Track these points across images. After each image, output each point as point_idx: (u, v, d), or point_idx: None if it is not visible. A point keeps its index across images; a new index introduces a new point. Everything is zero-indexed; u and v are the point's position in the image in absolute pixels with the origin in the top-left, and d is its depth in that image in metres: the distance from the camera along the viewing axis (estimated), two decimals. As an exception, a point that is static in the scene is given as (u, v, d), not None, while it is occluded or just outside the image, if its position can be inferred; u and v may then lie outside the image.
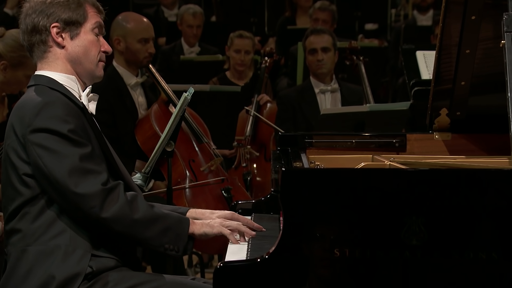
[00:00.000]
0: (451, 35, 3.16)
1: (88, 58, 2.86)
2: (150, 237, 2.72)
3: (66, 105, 2.75)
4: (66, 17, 2.83)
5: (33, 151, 2.69)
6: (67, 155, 2.67)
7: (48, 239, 2.72)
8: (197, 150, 4.81)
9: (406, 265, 2.59)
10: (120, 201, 2.68)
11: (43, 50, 2.85)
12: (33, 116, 2.70)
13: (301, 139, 3.47)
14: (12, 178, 2.76)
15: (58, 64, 2.85)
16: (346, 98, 5.77)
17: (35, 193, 2.74)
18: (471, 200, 2.59)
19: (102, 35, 2.91)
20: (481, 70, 3.23)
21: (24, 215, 2.75)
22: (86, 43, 2.85)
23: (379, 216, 2.59)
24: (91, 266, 2.71)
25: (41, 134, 2.68)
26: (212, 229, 2.85)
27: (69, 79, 2.85)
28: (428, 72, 4.99)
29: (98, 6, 2.93)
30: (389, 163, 3.14)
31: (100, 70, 2.90)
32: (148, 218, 2.72)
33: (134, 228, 2.70)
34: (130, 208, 2.68)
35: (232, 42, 6.41)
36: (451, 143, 3.45)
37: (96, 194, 2.66)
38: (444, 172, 2.77)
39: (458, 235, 2.59)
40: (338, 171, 2.80)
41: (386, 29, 9.09)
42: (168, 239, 2.74)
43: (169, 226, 2.75)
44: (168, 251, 2.75)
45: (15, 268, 2.74)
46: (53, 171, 2.67)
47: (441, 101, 3.35)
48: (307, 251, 2.59)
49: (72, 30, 2.84)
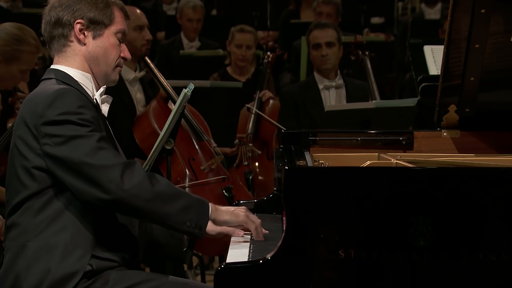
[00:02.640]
0: (460, 29, 3.17)
1: (106, 60, 2.91)
2: (171, 212, 2.71)
3: (79, 96, 2.79)
4: (92, 15, 2.88)
5: (47, 142, 2.72)
6: (81, 137, 2.70)
7: (49, 235, 2.74)
8: (197, 148, 4.82)
9: (413, 267, 2.60)
10: (139, 174, 2.68)
11: (63, 44, 2.90)
12: (46, 107, 2.73)
13: (305, 136, 3.47)
14: (19, 171, 2.79)
15: (76, 61, 2.89)
16: (351, 94, 5.77)
17: (41, 187, 2.76)
18: (480, 200, 2.60)
19: (124, 43, 2.95)
20: (490, 65, 3.23)
21: (27, 209, 2.77)
22: (107, 45, 2.90)
23: (385, 216, 2.60)
24: (91, 265, 2.74)
25: (53, 125, 2.71)
26: (238, 217, 2.84)
27: (84, 77, 2.90)
28: (436, 67, 4.98)
29: (126, 12, 2.97)
30: (395, 161, 3.15)
31: (115, 75, 2.95)
32: (169, 192, 2.72)
33: (155, 202, 2.69)
34: (151, 181, 2.69)
35: (234, 36, 6.41)
36: (459, 140, 3.45)
37: (115, 166, 2.67)
38: (452, 171, 2.77)
39: (466, 236, 2.59)
40: (343, 170, 2.80)
41: (392, 23, 9.09)
42: (190, 217, 2.73)
43: (191, 204, 2.75)
44: (191, 228, 2.74)
45: (13, 264, 2.76)
46: (70, 154, 2.69)
47: (449, 97, 3.35)
48: (310, 253, 2.59)
49: (96, 30, 2.89)
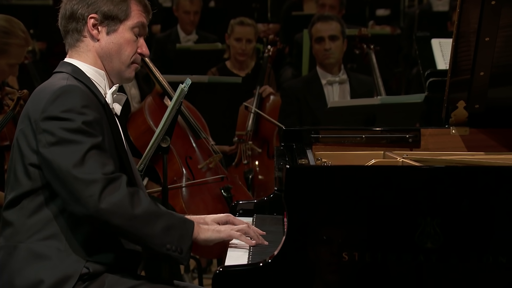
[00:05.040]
0: (470, 21, 3.16)
1: (120, 57, 2.89)
2: (150, 234, 2.70)
3: (85, 95, 2.78)
4: (107, 10, 2.86)
5: (42, 138, 2.72)
6: (75, 143, 2.70)
7: (41, 239, 2.75)
8: (194, 146, 4.82)
9: (420, 270, 2.60)
10: (121, 192, 2.68)
11: (76, 38, 2.90)
12: (49, 103, 2.73)
13: (307, 134, 3.48)
14: (17, 166, 2.80)
15: (89, 56, 2.89)
16: (355, 90, 5.77)
17: (35, 186, 2.77)
18: (490, 200, 2.60)
19: (143, 37, 2.94)
20: (501, 60, 3.23)
21: (22, 208, 2.79)
22: (121, 41, 2.89)
23: (391, 217, 2.60)
24: (88, 268, 2.75)
25: (53, 122, 2.71)
26: (219, 233, 2.83)
27: (97, 74, 2.90)
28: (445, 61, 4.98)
29: (145, 4, 2.94)
30: (402, 160, 3.15)
31: (130, 72, 2.93)
32: (149, 213, 2.71)
33: (133, 222, 2.68)
34: (131, 201, 2.68)
35: (233, 29, 6.41)
36: (469, 138, 3.45)
37: (96, 181, 2.66)
38: (461, 169, 2.77)
39: (476, 237, 2.60)
40: (347, 168, 2.80)
41: (399, 15, 9.09)
42: (171, 239, 2.72)
43: (173, 225, 2.73)
44: (170, 251, 2.72)
45: (6, 264, 2.77)
46: (58, 157, 2.69)
47: (458, 93, 3.35)
48: (313, 255, 2.60)
49: (110, 25, 2.88)
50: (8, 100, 4.10)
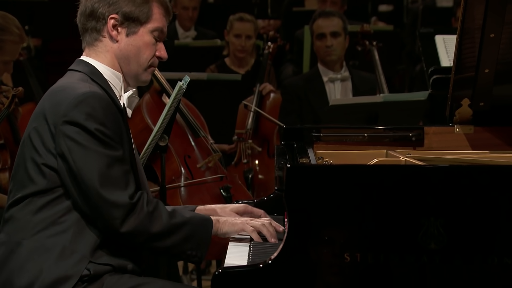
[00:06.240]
0: (474, 17, 3.17)
1: (137, 60, 2.91)
2: (171, 246, 2.81)
3: (108, 104, 2.79)
4: (128, 11, 2.87)
5: (63, 143, 2.74)
6: (97, 155, 2.72)
7: (46, 236, 2.77)
8: (193, 145, 4.82)
9: (423, 271, 2.60)
10: (141, 214, 2.74)
11: (95, 38, 2.90)
12: (71, 107, 2.74)
13: (308, 132, 3.48)
14: (28, 163, 2.81)
15: (107, 57, 2.90)
16: (357, 87, 5.77)
17: (50, 186, 2.78)
18: (495, 200, 2.60)
19: (162, 41, 2.95)
20: (506, 56, 3.23)
21: (28, 205, 2.80)
22: (140, 44, 2.90)
23: (394, 218, 2.60)
24: (89, 269, 2.76)
25: (75, 127, 2.73)
26: (234, 226, 2.92)
27: (114, 76, 2.91)
28: (449, 58, 4.99)
29: (167, 7, 2.95)
30: (405, 159, 3.15)
31: (147, 75, 2.95)
32: (169, 227, 2.79)
33: (154, 240, 2.78)
34: (150, 220, 2.76)
35: (232, 25, 6.41)
36: (473, 136, 3.45)
37: (123, 206, 2.72)
38: (465, 169, 2.78)
39: (481, 238, 2.60)
40: (349, 168, 2.80)
41: (402, 11, 9.08)
42: (191, 246, 2.83)
43: (192, 233, 2.83)
44: (190, 257, 2.85)
45: (6, 261, 2.79)
46: (82, 169, 2.72)
47: (462, 90, 3.36)
48: (314, 256, 2.60)
49: (130, 27, 2.89)
50: (3, 98, 4.10)
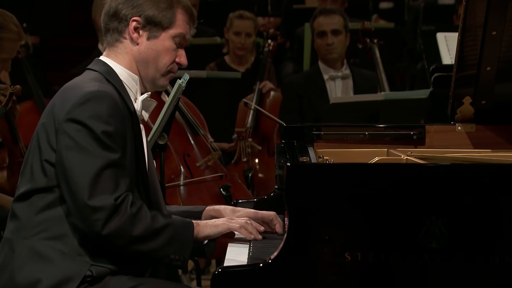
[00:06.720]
0: (476, 15, 3.17)
1: (156, 65, 2.90)
2: (153, 249, 2.78)
3: (114, 104, 2.78)
4: (151, 14, 2.87)
5: (62, 140, 2.74)
6: (93, 155, 2.71)
7: (47, 238, 2.78)
8: (192, 143, 4.82)
9: (425, 270, 2.60)
10: (123, 216, 2.72)
11: (116, 38, 2.91)
12: (76, 105, 2.74)
13: (308, 131, 3.48)
14: (34, 160, 2.82)
15: (125, 59, 2.90)
16: (358, 85, 5.77)
17: (50, 184, 2.79)
18: (497, 199, 2.60)
19: (183, 47, 2.95)
20: (508, 54, 3.23)
21: (31, 204, 2.81)
22: (160, 49, 2.89)
23: (395, 217, 2.60)
24: (91, 271, 2.77)
25: (76, 125, 2.72)
26: (217, 228, 2.90)
27: (131, 78, 2.91)
28: (450, 56, 4.99)
29: (192, 14, 2.96)
30: (406, 157, 3.15)
31: (164, 81, 2.94)
32: (151, 231, 2.76)
33: (135, 243, 2.75)
34: (132, 223, 2.73)
35: (232, 23, 6.41)
36: (475, 135, 3.45)
37: (105, 208, 2.70)
38: (467, 168, 2.78)
39: (482, 237, 2.60)
40: (349, 166, 2.80)
41: (403, 8, 9.08)
42: (174, 249, 2.80)
43: (174, 236, 2.80)
44: (173, 261, 2.82)
45: (9, 259, 2.80)
46: (74, 167, 2.71)
47: (464, 88, 3.35)
48: (314, 255, 2.60)
49: (152, 31, 2.88)
50: (1, 96, 4.10)
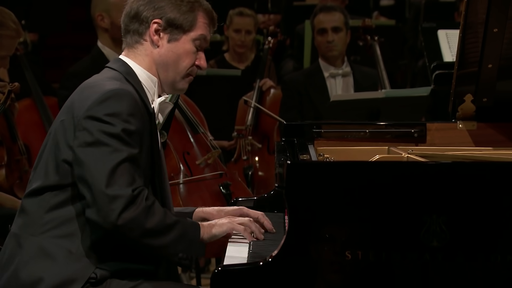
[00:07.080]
0: (477, 12, 3.16)
1: (176, 68, 2.92)
2: (164, 245, 2.79)
3: (134, 102, 2.78)
4: (172, 17, 2.88)
5: (81, 136, 2.74)
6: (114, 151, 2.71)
7: (55, 236, 2.78)
8: (192, 141, 4.82)
9: (426, 269, 2.60)
10: (138, 208, 2.72)
11: (136, 40, 2.91)
12: (97, 103, 2.74)
13: (309, 128, 3.48)
14: (49, 157, 2.82)
15: (145, 60, 2.91)
16: (359, 82, 5.77)
17: (62, 183, 2.79)
18: (498, 197, 2.60)
19: (203, 50, 2.96)
20: (510, 51, 3.23)
21: (42, 201, 2.81)
22: (181, 52, 2.91)
23: (396, 215, 2.60)
24: (96, 273, 2.78)
25: (97, 123, 2.73)
26: (222, 227, 2.90)
27: (150, 80, 2.92)
28: (451, 53, 4.99)
29: (213, 17, 2.96)
30: (407, 155, 3.15)
31: (184, 84, 2.96)
32: (162, 225, 2.77)
33: (148, 236, 2.75)
34: (146, 216, 2.73)
35: (232, 20, 6.41)
36: (476, 133, 3.45)
37: (121, 196, 2.69)
38: (468, 165, 2.78)
39: (483, 236, 2.60)
40: (350, 164, 2.80)
41: (404, 5, 9.08)
42: (182, 247, 2.82)
43: (183, 234, 2.81)
44: (182, 260, 2.86)
45: (14, 255, 2.81)
46: (92, 162, 2.71)
47: (465, 86, 3.35)
48: (315, 254, 2.60)
49: (173, 33, 2.89)
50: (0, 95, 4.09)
